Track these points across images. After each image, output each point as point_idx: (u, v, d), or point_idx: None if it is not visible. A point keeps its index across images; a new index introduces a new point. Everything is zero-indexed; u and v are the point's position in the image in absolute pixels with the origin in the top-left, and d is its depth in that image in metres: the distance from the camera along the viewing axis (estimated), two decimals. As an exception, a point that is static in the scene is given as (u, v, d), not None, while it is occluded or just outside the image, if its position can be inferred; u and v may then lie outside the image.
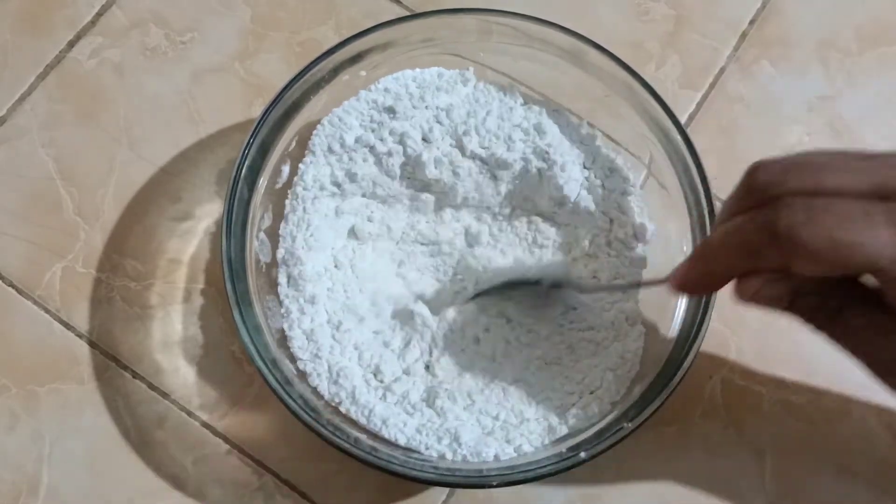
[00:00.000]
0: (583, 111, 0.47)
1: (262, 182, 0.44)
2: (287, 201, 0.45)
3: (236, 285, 0.41)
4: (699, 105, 0.52)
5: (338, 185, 0.46)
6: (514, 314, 0.45)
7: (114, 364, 0.46)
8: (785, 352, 0.47)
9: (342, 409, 0.42)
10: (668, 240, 0.45)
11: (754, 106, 0.52)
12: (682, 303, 0.42)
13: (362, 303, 0.45)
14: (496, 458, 0.41)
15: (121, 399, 0.46)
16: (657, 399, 0.39)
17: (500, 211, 0.47)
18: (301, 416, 0.39)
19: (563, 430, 0.42)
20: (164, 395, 0.46)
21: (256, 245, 0.43)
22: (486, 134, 0.46)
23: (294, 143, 0.45)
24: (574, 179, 0.46)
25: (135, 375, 0.46)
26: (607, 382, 0.43)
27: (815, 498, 0.45)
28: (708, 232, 0.42)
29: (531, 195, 0.47)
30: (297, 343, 0.43)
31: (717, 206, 0.42)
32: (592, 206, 0.46)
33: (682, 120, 0.51)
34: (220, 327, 0.47)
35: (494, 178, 0.46)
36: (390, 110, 0.46)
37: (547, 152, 0.46)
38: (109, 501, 0.44)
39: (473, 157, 0.46)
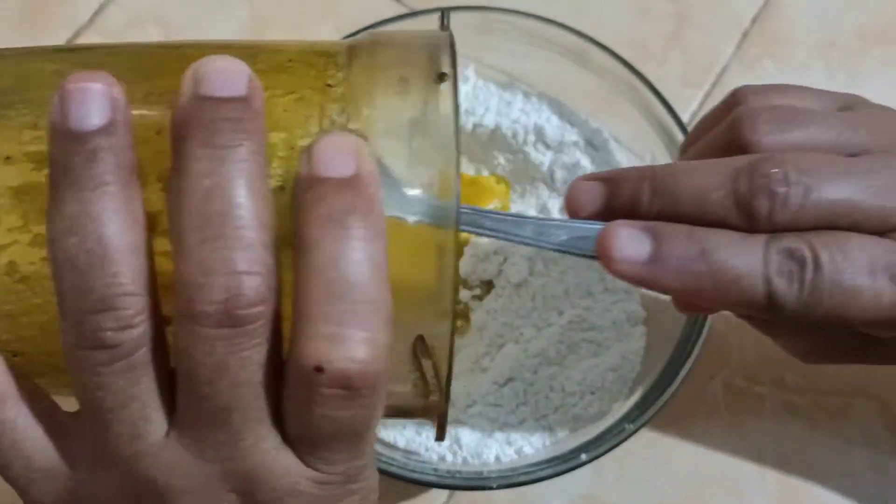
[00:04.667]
0: (584, 109, 0.47)
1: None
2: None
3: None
4: (702, 103, 0.52)
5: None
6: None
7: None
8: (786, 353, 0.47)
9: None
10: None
11: (756, 105, 0.52)
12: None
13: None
14: (497, 459, 0.41)
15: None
16: (659, 400, 0.39)
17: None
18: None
19: (564, 432, 0.42)
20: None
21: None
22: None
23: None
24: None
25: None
26: (608, 383, 0.42)
27: (816, 499, 0.45)
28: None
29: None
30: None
31: (719, 205, 0.42)
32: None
33: (685, 118, 0.51)
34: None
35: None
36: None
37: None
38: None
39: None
